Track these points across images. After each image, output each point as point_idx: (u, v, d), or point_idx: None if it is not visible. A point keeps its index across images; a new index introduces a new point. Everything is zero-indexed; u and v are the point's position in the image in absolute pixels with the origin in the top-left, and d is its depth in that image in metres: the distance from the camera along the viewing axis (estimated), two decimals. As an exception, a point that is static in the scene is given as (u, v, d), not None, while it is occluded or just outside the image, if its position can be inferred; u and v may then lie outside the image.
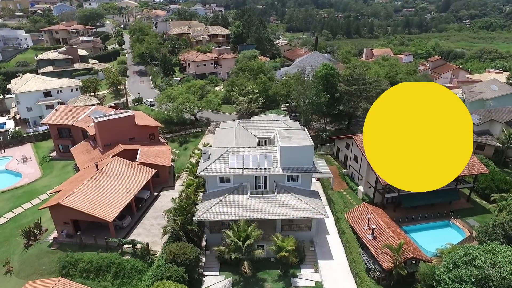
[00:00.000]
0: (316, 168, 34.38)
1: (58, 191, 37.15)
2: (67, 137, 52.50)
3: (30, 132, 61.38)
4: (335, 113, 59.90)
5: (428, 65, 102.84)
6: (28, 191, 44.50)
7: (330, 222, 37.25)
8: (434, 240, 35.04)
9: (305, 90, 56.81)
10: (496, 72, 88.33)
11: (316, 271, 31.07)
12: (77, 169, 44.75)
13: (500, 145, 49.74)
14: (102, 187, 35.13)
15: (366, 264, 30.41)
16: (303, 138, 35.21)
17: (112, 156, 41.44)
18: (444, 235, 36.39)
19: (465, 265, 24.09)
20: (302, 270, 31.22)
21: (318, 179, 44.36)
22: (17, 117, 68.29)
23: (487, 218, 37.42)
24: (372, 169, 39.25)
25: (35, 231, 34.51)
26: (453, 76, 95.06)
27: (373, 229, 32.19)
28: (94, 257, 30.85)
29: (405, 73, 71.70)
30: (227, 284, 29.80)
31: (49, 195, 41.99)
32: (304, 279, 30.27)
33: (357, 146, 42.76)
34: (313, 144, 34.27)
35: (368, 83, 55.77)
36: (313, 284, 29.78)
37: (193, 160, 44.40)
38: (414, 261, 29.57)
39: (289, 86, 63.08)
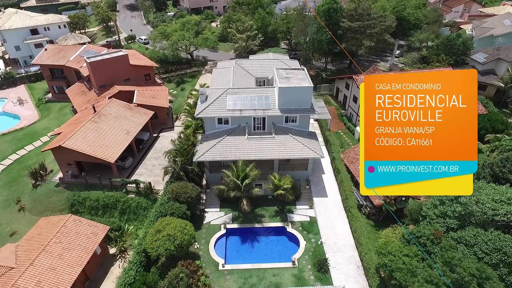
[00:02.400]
0: (314, 109, 34.24)
1: (58, 133, 37.52)
2: (60, 78, 51.27)
3: (22, 73, 59.72)
4: (337, 52, 57.63)
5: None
6: (29, 133, 44.94)
7: (326, 162, 38.38)
8: (425, 178, 36.47)
9: (306, 27, 53.82)
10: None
11: (311, 207, 32.94)
12: (75, 111, 44.58)
13: (503, 85, 48.93)
14: (102, 129, 35.39)
15: (358, 201, 32.12)
16: (302, 79, 34.41)
17: (109, 98, 40.95)
18: (435, 174, 37.77)
19: (450, 202, 25.48)
20: (297, 207, 33.10)
21: (316, 120, 44.53)
22: (6, 56, 65.78)
23: (478, 158, 38.45)
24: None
25: (41, 172, 35.70)
26: (465, 9, 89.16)
27: (368, 168, 33.28)
28: (100, 195, 32.41)
29: (413, 6, 67.21)
30: (227, 220, 31.85)
31: (50, 137, 42.53)
32: (299, 215, 32.26)
33: (357, 87, 42.02)
34: (312, 85, 33.62)
35: (373, 19, 52.62)
36: (308, 219, 31.82)
37: (191, 101, 43.96)
38: (403, 198, 31.19)
39: (289, 22, 59.61)
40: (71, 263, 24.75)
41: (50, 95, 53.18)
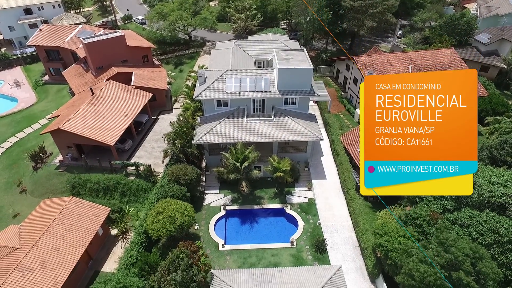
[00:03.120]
0: (314, 91, 33.97)
1: (57, 116, 37.36)
2: (57, 60, 50.51)
3: (18, 54, 58.76)
4: (337, 32, 56.47)
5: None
6: (27, 116, 44.74)
7: (325, 144, 38.45)
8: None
9: (307, 6, 52.50)
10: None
11: (310, 189, 33.28)
12: (73, 93, 44.20)
13: (505, 66, 48.32)
14: (100, 112, 35.20)
15: (356, 183, 32.39)
16: (302, 60, 33.93)
17: (106, 80, 40.51)
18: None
19: (448, 184, 25.71)
20: (296, 189, 33.43)
21: (316, 102, 44.26)
22: (0, 37, 64.54)
23: (478, 140, 38.52)
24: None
25: (41, 154, 35.79)
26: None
27: (366, 150, 33.38)
28: (100, 178, 32.64)
29: (417, -16, 65.35)
30: (227, 201, 32.24)
31: (48, 119, 42.36)
32: (298, 197, 32.64)
33: (358, 68, 41.51)
34: (312, 67, 33.20)
35: (376, -3, 51.24)
36: (306, 200, 32.22)
37: (189, 83, 43.54)
38: (402, 180, 31.46)
39: (290, 1, 58.15)
40: (74, 243, 25.25)
41: (47, 77, 52.54)
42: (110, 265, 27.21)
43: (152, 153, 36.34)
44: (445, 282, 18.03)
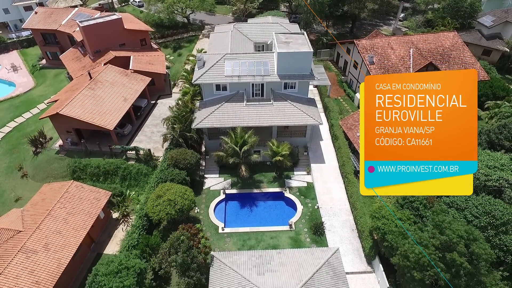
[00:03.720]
0: (313, 75, 33.71)
1: (55, 101, 37.21)
2: (53, 44, 49.83)
3: (13, 38, 57.87)
4: (338, 15, 55.52)
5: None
6: (25, 101, 44.55)
7: (324, 129, 38.48)
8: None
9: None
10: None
11: (309, 173, 33.54)
12: (70, 78, 43.84)
13: (508, 50, 47.73)
14: (99, 96, 35.06)
15: (355, 167, 32.62)
16: (302, 44, 33.51)
17: (104, 64, 40.11)
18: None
19: (446, 168, 25.93)
20: (295, 173, 33.70)
21: (316, 86, 43.99)
22: (-4, 20, 63.31)
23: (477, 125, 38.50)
24: (371, 76, 38.63)
25: (41, 139, 35.86)
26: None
27: (365, 135, 33.42)
28: (101, 162, 32.85)
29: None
30: (226, 185, 32.56)
31: (47, 104, 42.20)
32: (297, 180, 32.93)
33: (358, 52, 41.05)
34: (312, 50, 32.83)
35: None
36: (305, 184, 32.53)
37: (188, 67, 43.11)
38: (400, 164, 31.63)
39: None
40: (76, 226, 25.68)
41: (44, 61, 51.97)
42: (112, 248, 27.76)
43: (151, 138, 36.42)
44: (438, 262, 18.47)
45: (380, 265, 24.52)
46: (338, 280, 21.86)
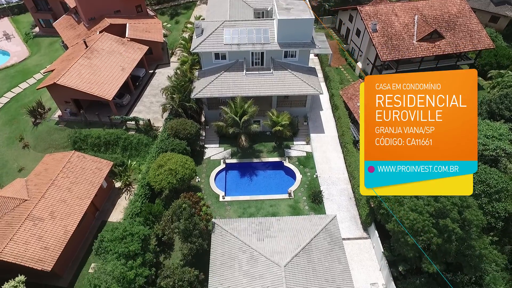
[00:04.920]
0: (314, 44, 32.93)
1: (52, 70, 36.61)
2: (45, 10, 48.09)
3: (3, 3, 55.69)
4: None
5: None
6: (21, 71, 43.79)
7: (324, 99, 38.23)
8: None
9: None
10: None
11: (308, 143, 33.79)
12: (66, 47, 42.78)
13: (516, 16, 46.16)
14: (96, 66, 34.46)
15: (354, 137, 32.79)
16: (303, 10, 32.40)
17: (100, 32, 39.00)
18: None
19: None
20: (295, 142, 33.94)
21: (317, 55, 43.10)
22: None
23: (479, 95, 38.22)
24: (373, 45, 37.73)
25: (39, 110, 35.72)
26: None
27: (366, 105, 33.25)
28: (101, 133, 32.95)
29: None
30: (227, 155, 32.91)
31: (43, 74, 41.55)
32: (297, 150, 33.26)
33: (361, 19, 39.76)
34: (313, 17, 31.82)
35: None
36: (304, 154, 32.88)
37: (186, 35, 42.02)
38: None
39: None
40: (80, 195, 26.30)
41: (37, 29, 50.42)
42: (116, 216, 28.60)
43: (150, 108, 36.26)
44: (431, 228, 19.17)
45: (376, 231, 25.42)
46: (335, 246, 22.77)
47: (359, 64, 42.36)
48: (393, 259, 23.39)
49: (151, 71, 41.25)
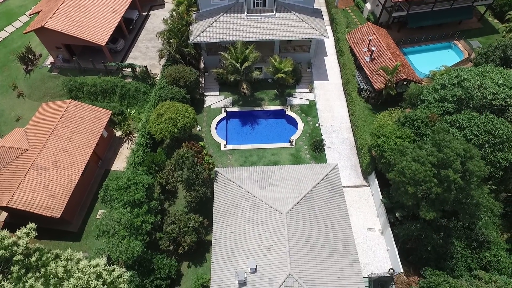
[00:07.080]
0: (321, -19, 30.21)
1: (38, 12, 34.03)
2: None
3: None
4: None
5: None
6: (4, 12, 40.84)
7: (329, 43, 36.29)
8: (432, 62, 35.14)
9: None
10: None
11: (311, 91, 32.82)
12: (50, -16, 39.25)
13: None
14: (85, 7, 31.98)
15: (359, 84, 31.75)
16: None
17: (85, -33, 35.43)
18: (443, 57, 36.25)
19: (452, 86, 25.17)
20: (297, 90, 32.97)
21: (323, -6, 39.90)
22: None
23: (493, 39, 36.17)
24: (385, -18, 34.65)
25: (30, 56, 34.00)
26: None
27: (372, 51, 31.64)
28: (97, 80, 31.76)
29: None
30: (227, 103, 32.17)
31: (29, 16, 38.73)
32: (299, 98, 32.44)
33: (373, -49, 35.96)
34: (321, -51, 28.67)
35: None
36: (307, 102, 32.14)
37: (180, -29, 38.30)
38: (405, 82, 30.74)
39: None
40: (81, 145, 26.19)
41: (16, -37, 45.85)
42: (119, 164, 28.85)
43: (147, 54, 34.53)
44: (432, 178, 19.32)
45: (376, 180, 25.85)
46: (335, 193, 23.28)
47: (368, 5, 39.39)
48: (391, 206, 24.10)
49: (145, 13, 38.49)
